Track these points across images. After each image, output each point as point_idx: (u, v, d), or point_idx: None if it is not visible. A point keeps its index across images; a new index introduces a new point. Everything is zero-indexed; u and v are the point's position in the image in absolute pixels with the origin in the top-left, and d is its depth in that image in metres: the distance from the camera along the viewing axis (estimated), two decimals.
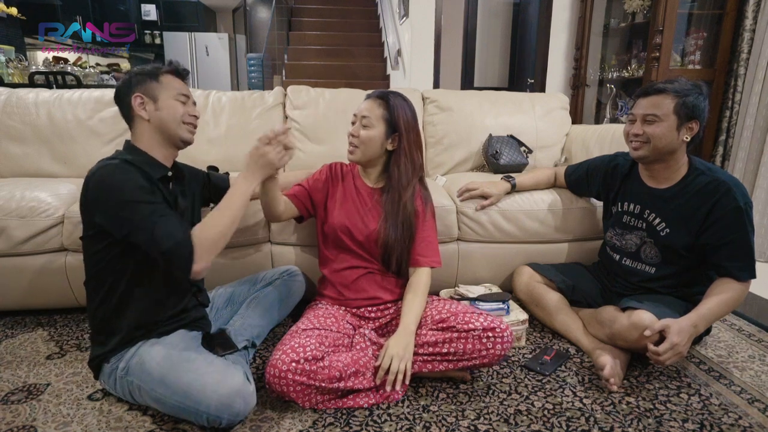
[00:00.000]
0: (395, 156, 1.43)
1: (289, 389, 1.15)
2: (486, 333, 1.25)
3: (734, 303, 1.36)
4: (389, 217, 1.40)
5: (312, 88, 2.27)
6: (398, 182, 1.42)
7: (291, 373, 1.15)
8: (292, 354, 1.17)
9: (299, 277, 1.62)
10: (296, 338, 1.23)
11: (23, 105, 2.03)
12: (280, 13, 6.84)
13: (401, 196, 1.41)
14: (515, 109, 2.34)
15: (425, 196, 1.49)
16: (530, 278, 1.72)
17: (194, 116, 1.29)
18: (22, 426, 1.14)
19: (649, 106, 1.41)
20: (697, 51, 2.81)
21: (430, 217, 1.49)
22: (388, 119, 1.41)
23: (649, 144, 1.42)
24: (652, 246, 1.51)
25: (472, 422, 1.18)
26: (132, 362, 1.15)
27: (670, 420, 1.20)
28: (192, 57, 8.16)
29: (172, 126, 1.23)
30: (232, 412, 1.07)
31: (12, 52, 4.88)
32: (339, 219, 1.44)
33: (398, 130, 1.41)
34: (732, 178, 1.40)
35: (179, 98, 1.25)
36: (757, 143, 2.49)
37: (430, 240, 1.46)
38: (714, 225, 1.38)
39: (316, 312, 1.39)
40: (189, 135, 1.28)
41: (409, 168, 1.43)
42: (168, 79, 1.25)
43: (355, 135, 1.41)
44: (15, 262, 1.62)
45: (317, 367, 1.17)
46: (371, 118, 1.40)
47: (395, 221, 1.40)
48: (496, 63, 5.42)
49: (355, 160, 1.44)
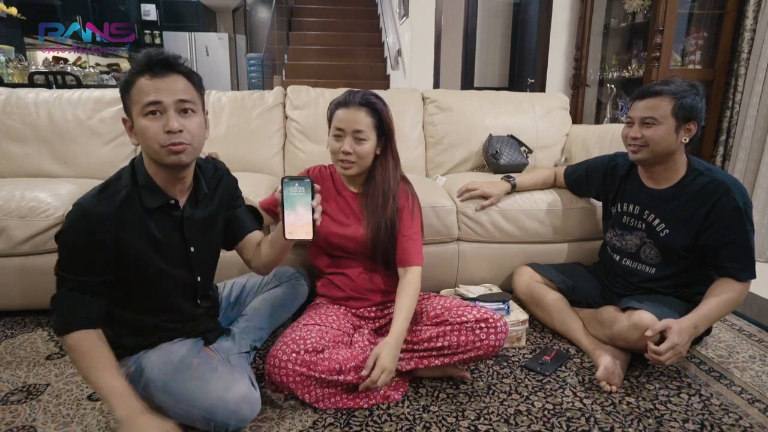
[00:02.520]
0: (382, 160, 1.39)
1: (289, 379, 1.16)
2: (479, 324, 1.25)
3: (734, 303, 1.36)
4: (372, 220, 1.37)
5: (312, 88, 2.27)
6: (385, 185, 1.38)
7: (291, 363, 1.15)
8: (292, 345, 1.18)
9: (303, 281, 1.60)
10: (297, 331, 1.24)
11: (23, 105, 2.03)
12: (280, 13, 6.84)
13: (387, 198, 1.37)
14: (515, 109, 2.34)
15: (408, 190, 1.43)
16: (530, 278, 1.72)
17: (170, 133, 0.98)
18: (22, 426, 1.14)
19: (646, 108, 1.41)
20: (698, 51, 2.81)
21: (417, 211, 1.44)
22: (378, 126, 1.35)
23: (648, 147, 1.41)
24: (651, 246, 1.50)
25: (472, 422, 1.18)
26: (131, 371, 1.13)
27: (671, 420, 1.20)
28: (192, 57, 8.17)
29: (152, 152, 1.02)
30: (239, 418, 1.07)
31: (12, 52, 4.87)
32: (327, 228, 1.41)
33: (387, 134, 1.37)
34: (731, 178, 1.40)
35: (146, 110, 0.98)
36: (758, 143, 2.49)
37: (416, 238, 1.41)
38: (713, 225, 1.38)
39: (317, 310, 1.40)
40: (172, 158, 1.01)
41: (394, 168, 1.40)
42: (139, 83, 0.98)
43: (350, 152, 1.32)
44: (15, 262, 1.62)
45: (317, 358, 1.18)
46: (365, 131, 1.32)
47: (379, 223, 1.36)
48: (496, 63, 5.42)
49: (351, 174, 1.38)
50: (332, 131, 1.35)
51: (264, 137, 2.17)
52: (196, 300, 1.23)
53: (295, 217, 1.00)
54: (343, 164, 1.34)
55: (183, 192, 1.14)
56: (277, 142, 2.20)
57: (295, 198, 1.00)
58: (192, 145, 1.03)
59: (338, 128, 1.33)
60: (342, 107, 1.33)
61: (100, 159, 2.02)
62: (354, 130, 1.31)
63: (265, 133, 2.17)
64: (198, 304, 1.23)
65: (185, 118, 1.01)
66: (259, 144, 2.15)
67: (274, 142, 2.19)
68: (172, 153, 1.00)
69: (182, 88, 1.01)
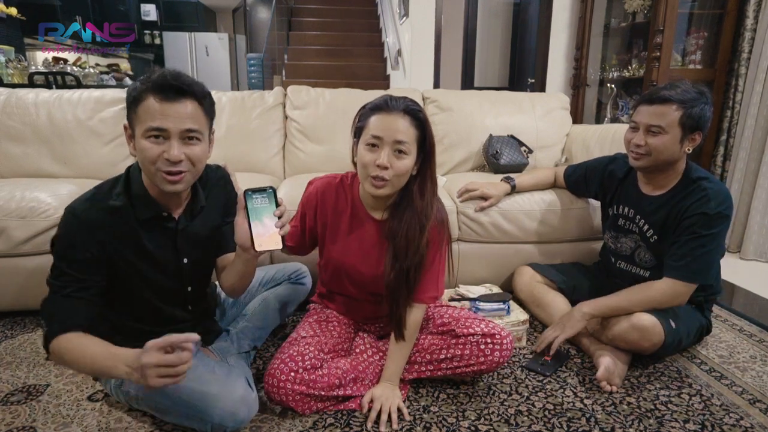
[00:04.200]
0: (419, 182, 1.17)
1: (288, 399, 1.14)
2: (485, 339, 1.23)
3: (652, 301, 1.36)
4: (400, 257, 1.16)
5: (312, 88, 2.27)
6: (421, 214, 1.16)
7: (290, 382, 1.14)
8: (290, 363, 1.15)
9: (306, 279, 1.58)
10: (295, 346, 1.21)
11: (23, 105, 2.03)
12: (280, 13, 6.84)
13: (422, 230, 1.16)
14: (515, 109, 2.34)
15: (441, 218, 1.22)
16: (531, 278, 1.72)
17: (168, 161, 0.97)
18: (22, 427, 1.13)
19: (653, 116, 1.36)
20: (698, 51, 2.81)
21: (446, 244, 1.25)
22: (421, 141, 1.14)
23: (650, 156, 1.39)
24: (645, 250, 1.50)
25: (472, 423, 1.18)
26: None
27: (671, 420, 1.20)
28: (192, 57, 8.16)
29: (148, 173, 1.01)
30: (236, 419, 1.07)
31: (12, 53, 4.87)
32: (337, 255, 1.25)
33: (428, 152, 1.16)
34: (719, 188, 1.37)
35: (150, 134, 0.96)
36: (758, 143, 2.49)
37: (438, 274, 1.25)
38: (679, 226, 1.38)
39: (318, 316, 1.36)
40: (167, 186, 1.00)
41: (432, 194, 1.19)
42: (147, 103, 0.96)
43: (387, 167, 1.09)
44: (15, 263, 1.61)
45: (316, 375, 1.16)
46: (408, 143, 1.10)
47: (405, 262, 1.16)
48: (497, 63, 5.42)
49: (382, 195, 1.14)
50: (365, 139, 1.12)
51: (264, 137, 2.17)
52: (186, 307, 1.22)
53: (263, 229, 0.99)
54: (376, 182, 1.11)
55: (179, 204, 1.12)
56: (277, 142, 2.20)
57: (260, 210, 0.99)
58: (191, 172, 1.02)
59: (375, 136, 1.10)
60: (380, 112, 1.12)
61: (100, 159, 2.02)
62: (395, 140, 1.09)
63: (265, 134, 2.17)
64: (189, 310, 1.23)
65: (188, 146, 1.00)
66: (259, 144, 2.15)
67: (274, 142, 2.19)
68: (167, 181, 1.00)
69: (190, 115, 0.99)
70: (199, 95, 1.01)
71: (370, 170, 1.11)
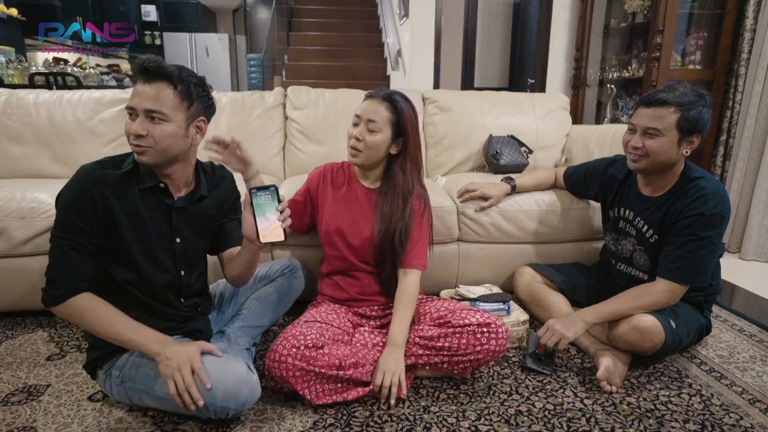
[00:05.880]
0: (400, 160, 1.41)
1: (288, 374, 1.16)
2: (480, 328, 1.26)
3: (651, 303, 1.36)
4: (384, 221, 1.37)
5: (312, 89, 2.27)
6: (404, 188, 1.39)
7: (291, 357, 1.16)
8: (293, 340, 1.19)
9: (299, 273, 1.58)
10: (297, 327, 1.25)
11: (23, 106, 2.03)
12: (280, 14, 6.85)
13: (405, 201, 1.38)
14: (515, 109, 2.34)
15: (423, 195, 1.45)
16: (531, 279, 1.72)
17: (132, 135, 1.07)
18: (23, 427, 1.14)
19: (650, 118, 1.37)
20: (698, 51, 2.81)
21: (428, 217, 1.46)
22: (395, 123, 1.37)
23: (648, 158, 1.39)
24: (642, 253, 1.50)
25: (472, 423, 1.18)
26: (126, 368, 1.14)
27: (672, 420, 1.20)
28: (192, 57, 8.17)
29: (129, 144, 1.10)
30: (238, 401, 1.08)
31: (12, 53, 4.88)
32: (333, 222, 1.43)
33: (405, 134, 1.39)
34: (716, 187, 1.37)
35: (128, 111, 1.09)
36: (758, 143, 2.49)
37: (423, 243, 1.43)
38: (675, 226, 1.38)
39: (318, 308, 1.41)
40: (137, 157, 1.10)
41: (414, 172, 1.42)
42: (134, 87, 1.10)
43: (360, 138, 1.36)
44: (15, 263, 1.62)
45: (317, 353, 1.19)
46: (378, 122, 1.36)
47: (391, 225, 1.37)
48: (497, 63, 5.42)
49: (357, 163, 1.41)
50: (352, 119, 1.40)
51: (264, 138, 2.17)
52: (179, 297, 1.24)
53: (267, 223, 1.11)
54: (351, 151, 1.39)
55: (179, 188, 1.20)
56: (278, 142, 2.21)
57: (264, 206, 1.12)
58: (154, 148, 1.08)
59: (356, 115, 1.38)
60: (367, 99, 1.41)
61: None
62: (369, 119, 1.35)
63: (266, 134, 2.17)
64: (181, 302, 1.24)
65: (152, 125, 1.07)
66: (259, 144, 2.15)
67: (274, 142, 2.19)
68: (136, 152, 1.10)
69: (155, 96, 1.06)
70: (174, 79, 1.07)
71: (350, 142, 1.38)
